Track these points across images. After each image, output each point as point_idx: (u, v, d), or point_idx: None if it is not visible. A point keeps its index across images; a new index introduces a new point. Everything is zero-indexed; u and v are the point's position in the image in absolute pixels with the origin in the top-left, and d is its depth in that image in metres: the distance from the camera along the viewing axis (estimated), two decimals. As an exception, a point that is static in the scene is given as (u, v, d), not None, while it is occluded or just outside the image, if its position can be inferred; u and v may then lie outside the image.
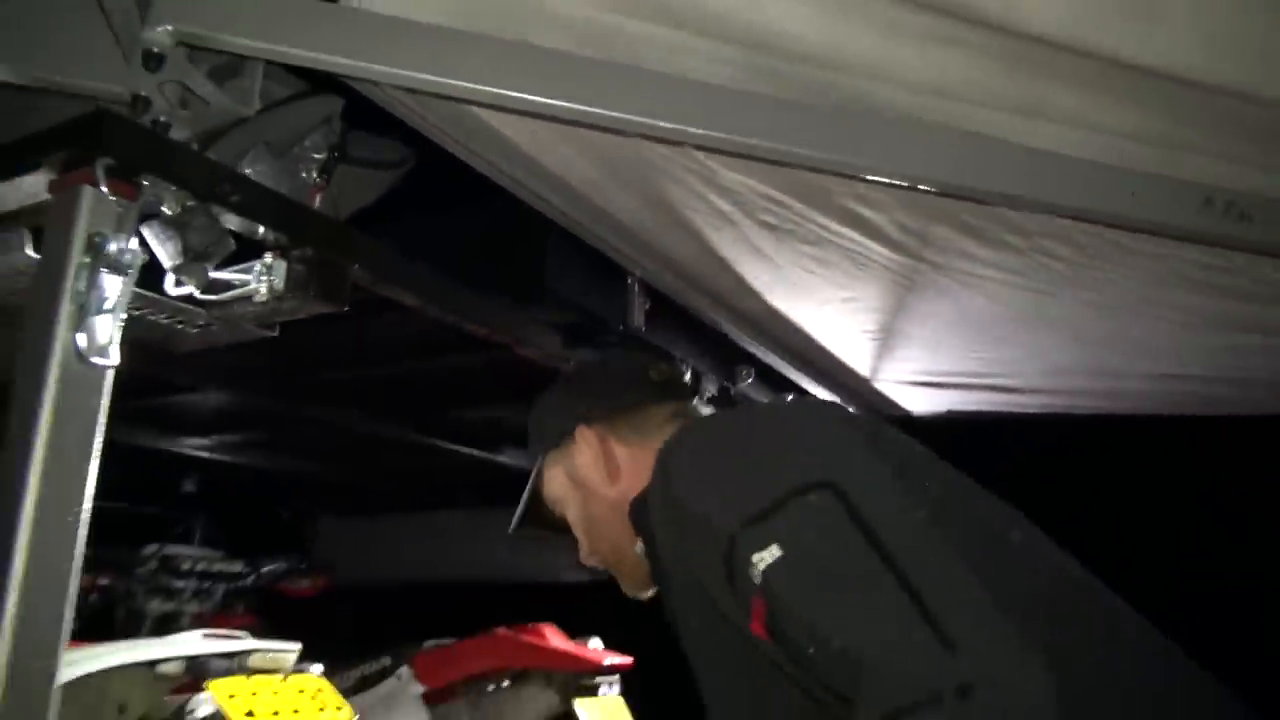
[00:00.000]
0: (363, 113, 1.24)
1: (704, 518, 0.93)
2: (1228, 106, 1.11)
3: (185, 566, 3.26)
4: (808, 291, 1.81)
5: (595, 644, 2.69)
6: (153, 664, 1.73)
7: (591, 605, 2.98)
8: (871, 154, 1.16)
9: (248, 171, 1.15)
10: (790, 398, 2.31)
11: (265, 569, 3.46)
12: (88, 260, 0.92)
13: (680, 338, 1.90)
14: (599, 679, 2.58)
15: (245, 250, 1.17)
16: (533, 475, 1.31)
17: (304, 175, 1.21)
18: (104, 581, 3.17)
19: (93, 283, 0.91)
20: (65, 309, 0.90)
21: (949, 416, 2.53)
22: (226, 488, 3.70)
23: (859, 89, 1.18)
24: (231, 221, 1.10)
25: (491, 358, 1.89)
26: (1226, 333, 1.66)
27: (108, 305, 0.92)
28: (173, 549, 3.27)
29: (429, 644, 2.77)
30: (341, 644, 2.69)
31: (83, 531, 0.92)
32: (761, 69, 1.17)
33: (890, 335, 1.99)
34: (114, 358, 0.93)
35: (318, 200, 1.23)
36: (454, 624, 2.90)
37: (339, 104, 1.21)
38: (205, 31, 1.00)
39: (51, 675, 0.89)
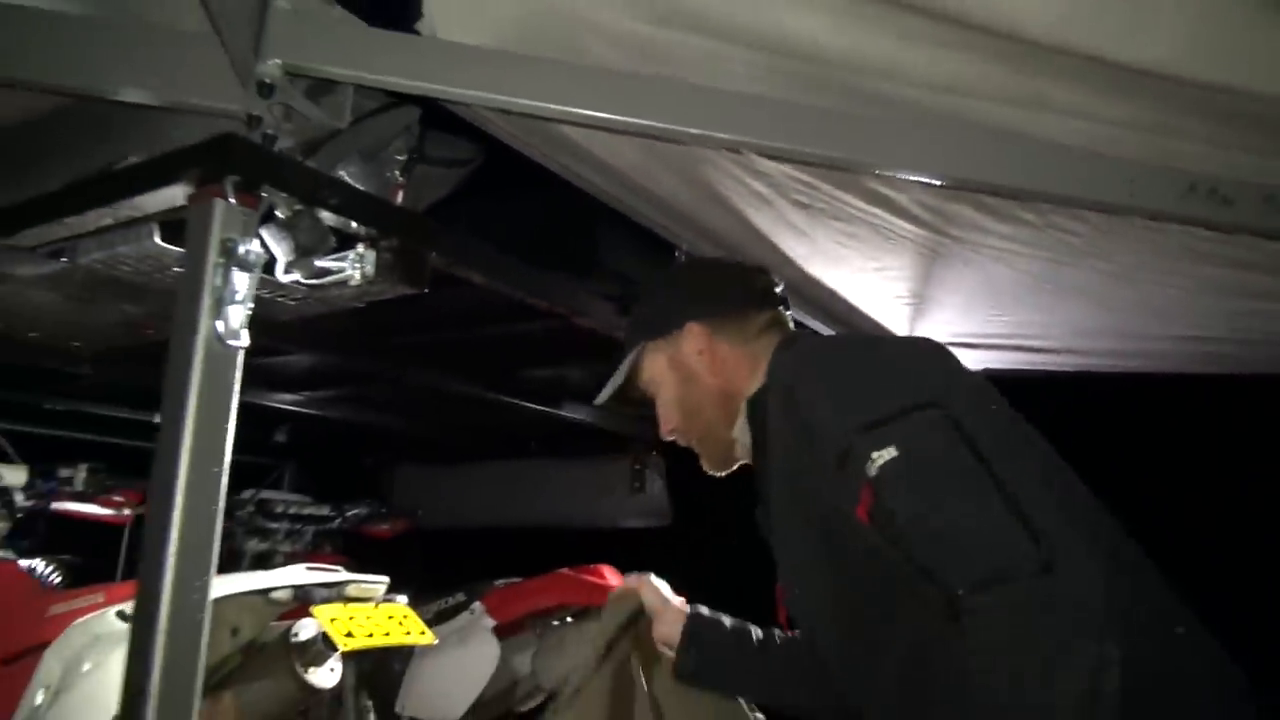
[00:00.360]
0: (438, 114, 1.43)
1: (824, 421, 1.14)
2: (1210, 99, 1.23)
3: (279, 510, 3.54)
4: (842, 261, 1.96)
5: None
6: (264, 592, 1.99)
7: (644, 548, 3.21)
8: (883, 153, 1.30)
9: (342, 175, 1.34)
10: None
11: (350, 513, 3.73)
12: (222, 261, 1.12)
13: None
14: None
15: (342, 241, 1.37)
16: (629, 357, 1.42)
17: (388, 175, 1.40)
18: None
19: (226, 279, 1.12)
20: (206, 302, 1.11)
21: (985, 374, 2.66)
22: (314, 439, 3.98)
23: (878, 89, 1.33)
24: (330, 220, 1.30)
25: (551, 325, 2.09)
26: (1233, 298, 1.77)
27: (239, 297, 1.12)
28: (267, 494, 3.56)
29: (499, 582, 3.00)
30: (417, 582, 2.89)
31: (224, 480, 1.13)
32: (788, 72, 1.32)
33: (922, 300, 2.13)
34: (245, 339, 1.13)
35: (400, 197, 1.42)
36: (520, 565, 3.12)
37: (416, 113, 1.40)
38: (307, 64, 1.19)
39: (206, 596, 1.12)
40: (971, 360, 2.60)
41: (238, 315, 1.12)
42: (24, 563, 2.54)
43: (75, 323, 2.27)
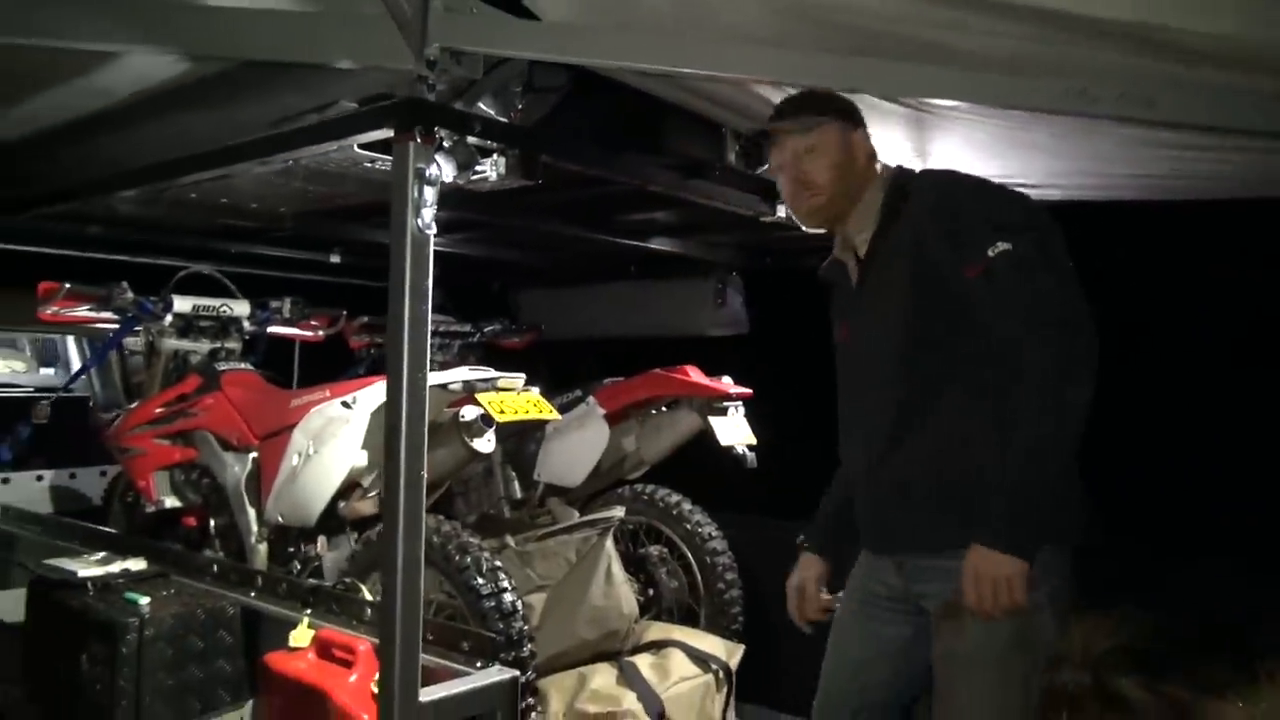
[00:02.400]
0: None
1: (969, 213, 1.89)
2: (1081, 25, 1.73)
3: (431, 328, 4.38)
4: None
5: (726, 380, 3.54)
6: (442, 386, 2.81)
7: (725, 354, 3.89)
8: (854, 78, 1.87)
9: (479, 108, 2.01)
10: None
11: (486, 329, 4.54)
12: (416, 181, 1.82)
13: (765, 166, 2.65)
14: (728, 403, 3.45)
15: (482, 152, 2.05)
16: (823, 121, 2.02)
17: (510, 104, 2.05)
18: (379, 340, 4.36)
19: (420, 192, 1.82)
20: (409, 207, 1.81)
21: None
22: (453, 270, 4.78)
23: (849, 22, 1.88)
24: (474, 141, 1.97)
25: (636, 187, 2.74)
26: (1164, 149, 2.27)
27: (428, 203, 1.83)
28: (421, 316, 4.40)
29: (607, 381, 3.76)
30: (544, 382, 3.60)
31: (429, 312, 1.87)
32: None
33: (923, 157, 2.66)
34: (434, 229, 1.84)
35: (518, 118, 2.07)
36: (624, 367, 3.86)
37: (526, 62, 2.02)
38: (457, 45, 1.83)
39: (424, 383, 1.87)
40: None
41: (429, 214, 1.83)
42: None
43: (283, 195, 3.05)
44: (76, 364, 6.48)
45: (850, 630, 2.16)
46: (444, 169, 1.88)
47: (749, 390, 3.48)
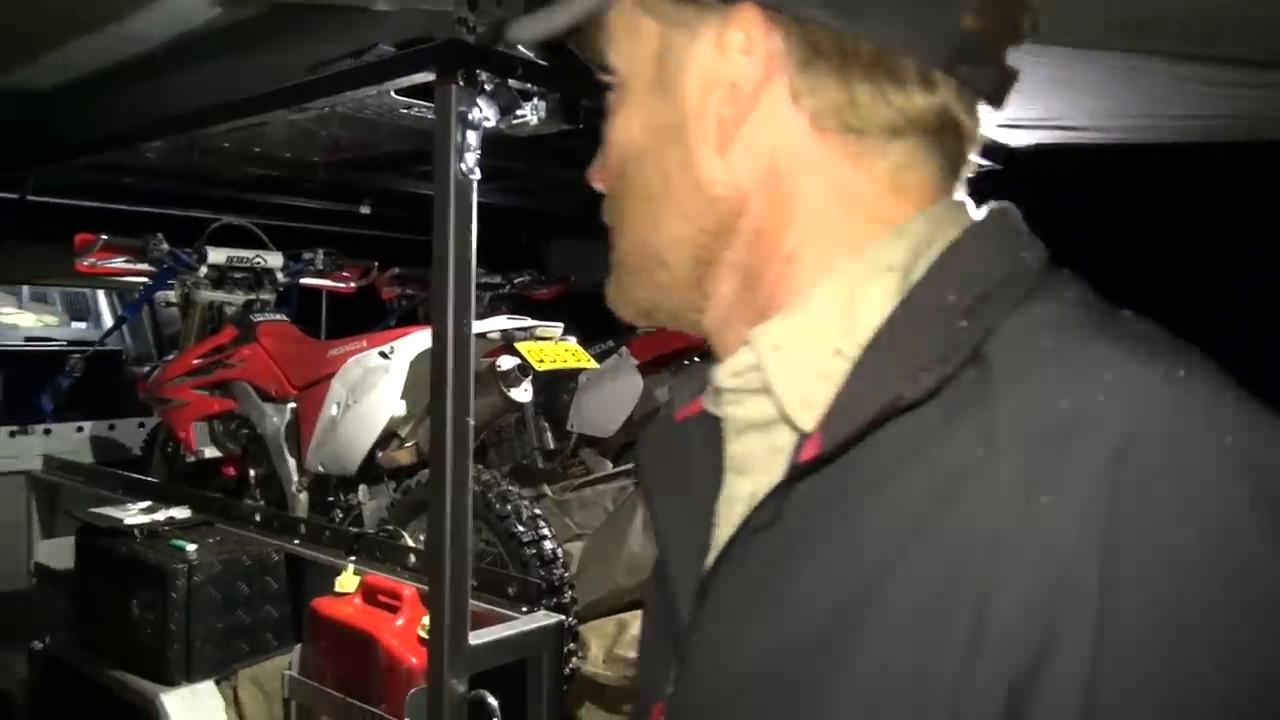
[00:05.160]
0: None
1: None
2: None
3: (462, 279, 4.39)
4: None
5: (761, 329, 3.58)
6: (481, 335, 2.81)
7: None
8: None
9: (519, 50, 1.97)
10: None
11: (516, 280, 4.54)
12: (458, 125, 1.80)
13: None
14: None
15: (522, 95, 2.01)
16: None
17: (550, 45, 2.01)
18: (410, 291, 4.38)
19: (463, 136, 1.80)
20: (452, 151, 1.79)
21: (1039, 147, 3.12)
22: (482, 220, 4.76)
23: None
24: (515, 84, 1.94)
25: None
26: (1212, 88, 2.20)
27: (471, 146, 1.81)
28: (452, 267, 4.40)
29: (639, 331, 3.78)
30: (576, 332, 3.63)
31: (474, 258, 1.85)
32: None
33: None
34: (477, 174, 1.82)
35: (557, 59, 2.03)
36: (656, 318, 3.87)
37: (566, 0, 1.98)
38: (501, -13, 1.80)
39: (470, 329, 1.86)
40: (1024, 138, 3.06)
41: (471, 158, 1.81)
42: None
43: (316, 144, 3.04)
44: (107, 317, 6.55)
45: None
46: (486, 112, 1.86)
47: (784, 340, 3.45)
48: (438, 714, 1.82)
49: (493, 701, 1.84)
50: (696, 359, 3.63)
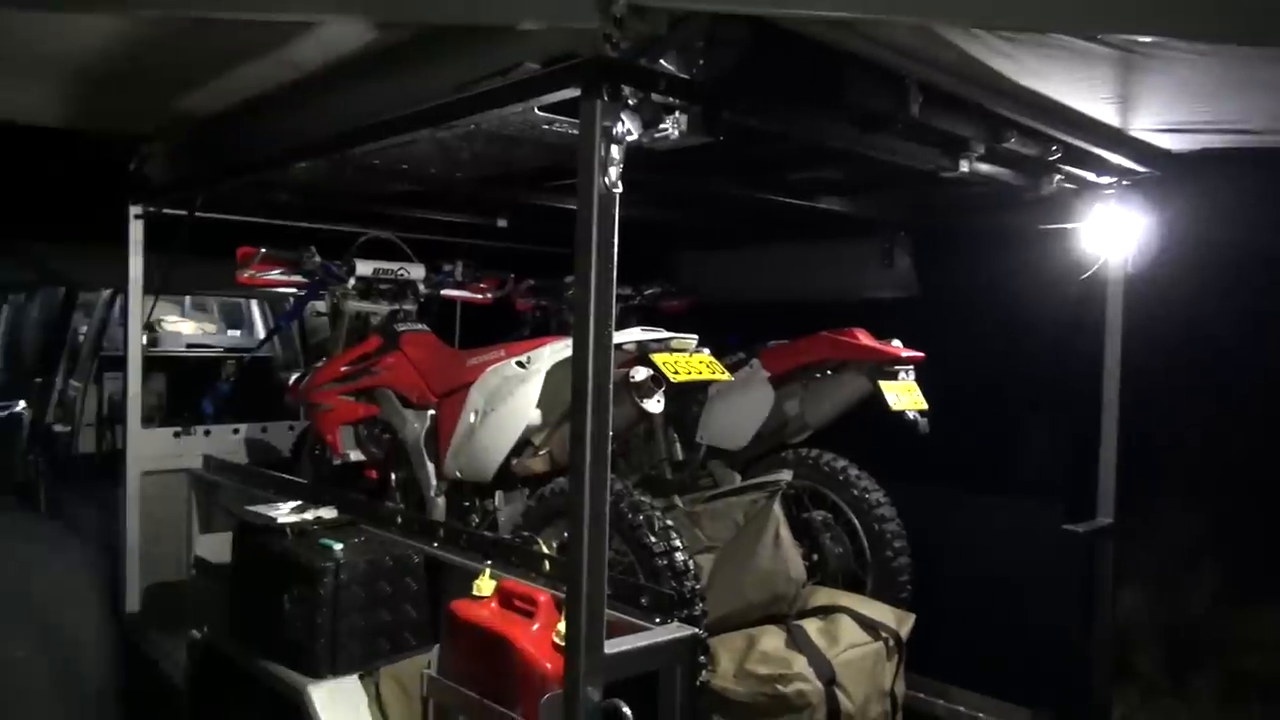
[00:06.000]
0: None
1: None
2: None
3: (593, 291, 4.45)
4: (1047, 77, 2.35)
5: (896, 343, 3.44)
6: (617, 346, 2.83)
7: (892, 317, 3.78)
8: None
9: (662, 64, 1.98)
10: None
11: (646, 292, 4.58)
12: (603, 140, 1.82)
13: (951, 117, 2.53)
14: (898, 367, 3.33)
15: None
16: None
17: (691, 60, 2.02)
18: (543, 303, 4.47)
19: (607, 150, 1.82)
20: (596, 166, 1.82)
21: (1203, 152, 2.94)
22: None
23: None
24: (658, 99, 1.96)
25: (806, 142, 2.67)
26: None
27: (615, 161, 1.83)
28: (583, 279, 4.47)
29: (771, 343, 3.74)
30: (705, 344, 3.62)
31: (614, 270, 1.87)
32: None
33: (1126, 100, 2.48)
34: (620, 188, 1.84)
35: (698, 73, 2.04)
36: (788, 330, 3.82)
37: (707, 16, 1.99)
38: (646, 2, 1.82)
39: (610, 341, 1.88)
40: (1187, 142, 2.89)
41: (615, 171, 1.83)
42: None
43: (459, 161, 3.13)
44: (259, 325, 6.95)
45: None
46: (630, 126, 1.88)
47: (920, 354, 3.35)
48: (573, 720, 1.84)
49: (627, 711, 1.84)
50: (830, 371, 3.57)
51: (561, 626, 2.12)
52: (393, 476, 3.51)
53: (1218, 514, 3.80)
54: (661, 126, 2.01)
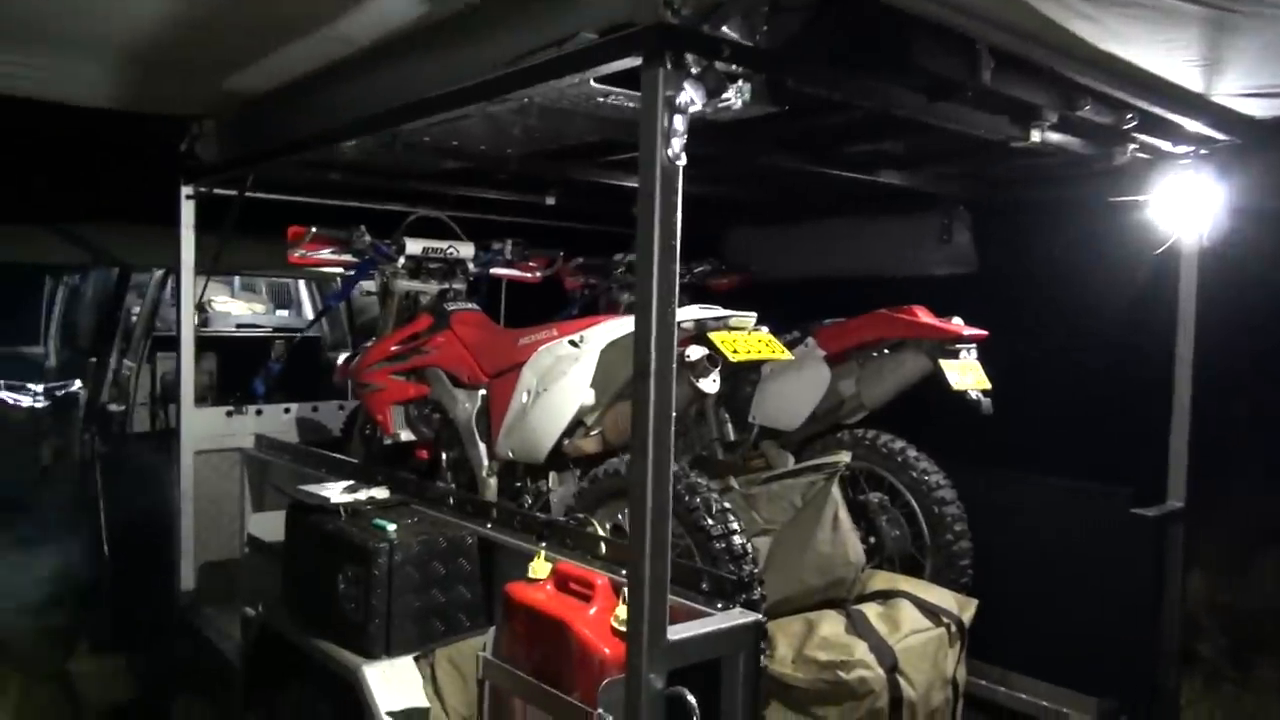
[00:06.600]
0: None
1: None
2: None
3: (643, 269, 4.38)
4: (1130, 40, 2.23)
5: (957, 321, 3.32)
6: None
7: (950, 294, 3.67)
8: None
9: (724, 31, 1.90)
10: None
11: (696, 270, 4.49)
12: (665, 109, 1.75)
13: (1023, 84, 2.42)
14: (960, 346, 3.21)
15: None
16: None
17: (755, 26, 1.94)
18: (592, 281, 4.41)
19: (670, 121, 1.75)
20: (659, 137, 1.75)
21: (1285, 116, 2.80)
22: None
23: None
24: (722, 67, 1.88)
25: (868, 112, 2.57)
26: None
27: (678, 132, 1.76)
28: (632, 257, 4.40)
29: (827, 321, 3.64)
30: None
31: (678, 244, 1.80)
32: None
33: (1212, 63, 2.35)
34: (683, 160, 1.77)
35: (762, 40, 1.96)
36: (843, 308, 3.73)
37: (769, -19, 1.90)
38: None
39: (674, 317, 1.81)
40: (1272, 108, 2.75)
41: (679, 143, 1.76)
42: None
43: (511, 137, 3.08)
44: (307, 305, 6.99)
45: None
46: (693, 96, 1.81)
47: (983, 332, 3.24)
48: (635, 709, 1.80)
49: (692, 699, 1.79)
50: (887, 350, 3.46)
51: (620, 611, 2.07)
52: (443, 456, 3.48)
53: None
54: (724, 96, 1.93)
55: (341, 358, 4.24)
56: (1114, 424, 3.72)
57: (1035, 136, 2.54)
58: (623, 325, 2.95)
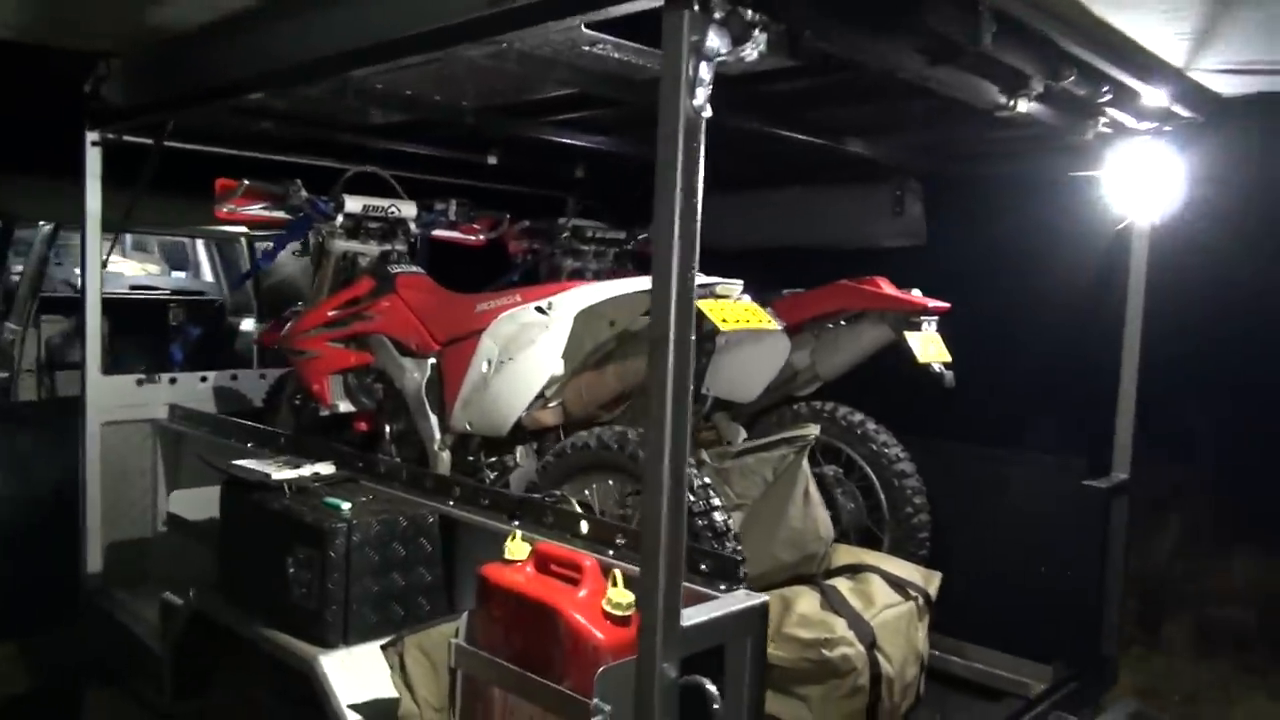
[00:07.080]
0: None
1: None
2: None
3: (588, 234, 4.22)
4: (1128, 6, 2.20)
5: (917, 292, 3.31)
6: (644, 293, 2.64)
7: (901, 266, 3.63)
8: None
9: (746, -24, 1.77)
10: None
11: (640, 236, 4.38)
12: (691, 56, 1.61)
13: (1019, 52, 2.36)
14: (922, 318, 3.18)
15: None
16: None
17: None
18: (535, 246, 4.23)
19: (695, 68, 1.62)
20: (683, 86, 1.61)
21: (1259, 96, 2.84)
22: (604, 173, 4.58)
23: None
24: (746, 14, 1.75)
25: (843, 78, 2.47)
26: None
27: (704, 81, 1.62)
28: (577, 222, 4.25)
29: (785, 292, 3.57)
30: None
31: (699, 204, 1.67)
32: None
33: (1201, 35, 2.34)
34: (708, 110, 1.64)
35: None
36: (792, 279, 3.66)
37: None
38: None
39: (693, 281, 1.69)
40: (1246, 84, 2.78)
41: (704, 92, 1.63)
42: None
43: (469, 89, 2.87)
44: (205, 268, 6.57)
45: None
46: (718, 41, 1.68)
47: (946, 305, 3.22)
48: (648, 700, 1.69)
49: (712, 688, 1.70)
50: (843, 321, 3.42)
51: (613, 594, 1.96)
52: (387, 429, 3.28)
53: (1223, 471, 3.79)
54: (740, 47, 1.81)
55: (250, 324, 3.94)
56: (1068, 397, 3.77)
57: (1023, 106, 2.50)
58: (594, 292, 2.81)
